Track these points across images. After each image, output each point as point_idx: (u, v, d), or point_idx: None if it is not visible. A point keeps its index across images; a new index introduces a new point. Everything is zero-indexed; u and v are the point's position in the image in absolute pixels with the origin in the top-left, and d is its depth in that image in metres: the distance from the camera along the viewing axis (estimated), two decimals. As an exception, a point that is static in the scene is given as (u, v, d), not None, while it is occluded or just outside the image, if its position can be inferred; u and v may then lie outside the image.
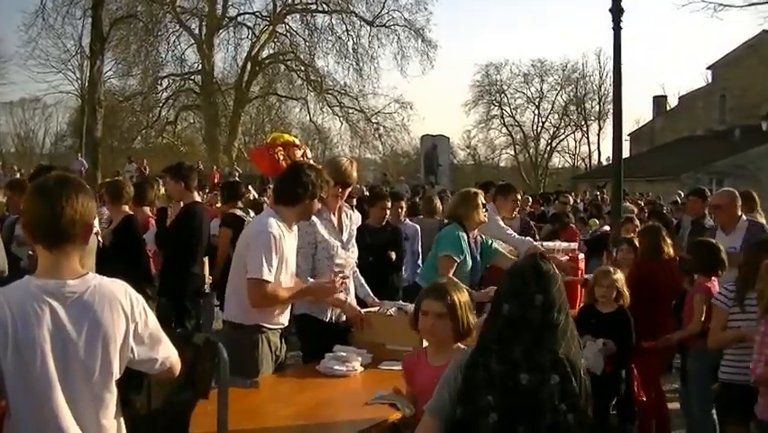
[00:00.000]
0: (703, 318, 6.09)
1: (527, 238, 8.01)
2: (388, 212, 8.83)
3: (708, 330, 6.05)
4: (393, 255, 8.57)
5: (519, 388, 2.90)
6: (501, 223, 8.03)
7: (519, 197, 11.77)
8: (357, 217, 5.96)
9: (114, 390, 2.77)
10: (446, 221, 7.00)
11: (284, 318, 4.97)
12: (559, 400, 2.90)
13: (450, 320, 3.76)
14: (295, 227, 4.99)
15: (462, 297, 3.83)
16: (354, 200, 10.70)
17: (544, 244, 8.69)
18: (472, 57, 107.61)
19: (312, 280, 5.22)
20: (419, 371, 3.83)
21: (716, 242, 6.56)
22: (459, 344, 3.83)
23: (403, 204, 10.13)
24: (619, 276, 6.12)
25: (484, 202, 6.75)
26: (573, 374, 2.94)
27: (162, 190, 8.53)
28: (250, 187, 17.15)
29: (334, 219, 5.55)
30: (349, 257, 5.58)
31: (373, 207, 8.86)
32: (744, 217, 7.47)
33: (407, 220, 10.01)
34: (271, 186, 8.29)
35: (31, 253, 5.85)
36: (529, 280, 2.99)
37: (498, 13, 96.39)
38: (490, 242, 6.86)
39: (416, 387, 3.79)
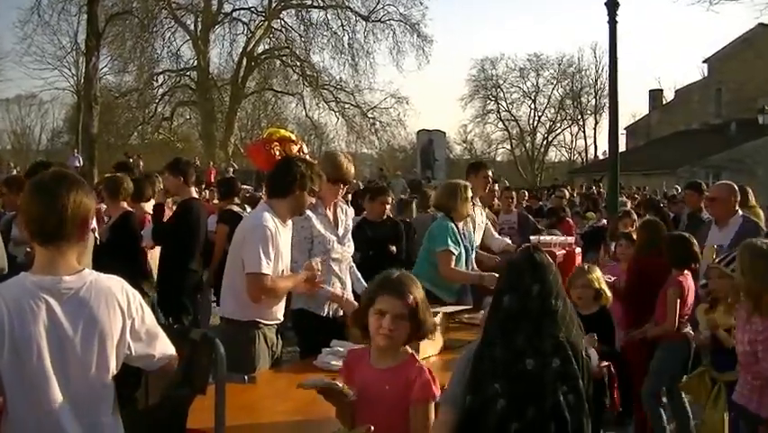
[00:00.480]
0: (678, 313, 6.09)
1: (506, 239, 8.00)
2: (388, 206, 8.84)
3: (681, 324, 6.02)
4: (394, 249, 8.57)
5: (525, 373, 3.00)
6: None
7: (513, 193, 11.86)
8: (351, 212, 5.97)
9: (112, 386, 2.77)
10: (437, 214, 7.03)
11: (280, 314, 4.97)
12: (560, 382, 3.02)
13: (409, 321, 3.28)
14: (289, 222, 4.99)
15: (421, 294, 3.36)
16: (350, 196, 10.70)
17: (541, 238, 8.71)
18: (468, 52, 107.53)
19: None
20: (360, 372, 3.40)
21: (689, 235, 6.55)
22: (407, 347, 3.37)
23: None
24: (596, 275, 5.76)
25: (472, 195, 6.77)
26: (574, 357, 3.06)
27: (161, 186, 8.51)
28: (246, 185, 17.15)
29: (330, 214, 5.56)
30: (345, 251, 5.60)
31: (373, 201, 8.86)
32: (739, 213, 7.27)
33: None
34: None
35: (28, 249, 5.84)
36: (525, 272, 3.12)
37: (493, 7, 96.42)
38: (473, 237, 6.92)
39: (354, 388, 3.35)
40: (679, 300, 6.09)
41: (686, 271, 6.22)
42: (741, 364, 4.67)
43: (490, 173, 8.00)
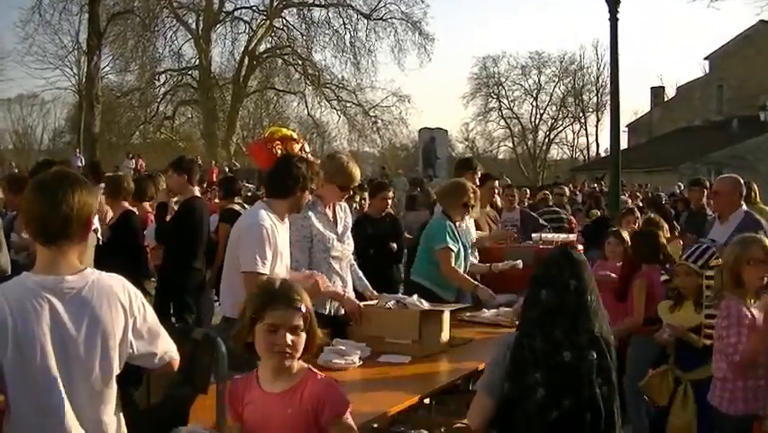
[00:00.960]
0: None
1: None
2: (389, 202, 8.85)
3: (651, 318, 5.82)
4: (395, 246, 8.56)
5: (562, 365, 3.17)
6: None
7: (516, 190, 11.88)
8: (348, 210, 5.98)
9: (114, 385, 2.78)
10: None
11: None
12: (596, 375, 3.20)
13: (305, 333, 2.93)
14: (287, 220, 4.98)
15: (309, 301, 3.01)
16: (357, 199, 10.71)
17: (543, 236, 8.71)
18: (470, 49, 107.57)
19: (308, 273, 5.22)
20: (251, 401, 2.98)
21: (655, 230, 6.51)
22: (301, 361, 2.97)
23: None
24: None
25: (472, 204, 6.76)
26: (608, 350, 3.24)
27: (164, 185, 8.51)
28: (247, 183, 17.14)
29: (329, 212, 5.55)
30: (345, 249, 5.59)
31: (374, 197, 8.86)
32: (743, 208, 7.01)
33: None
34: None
35: (31, 251, 5.83)
36: (564, 268, 3.27)
37: (494, 5, 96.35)
38: (469, 235, 6.93)
39: (245, 420, 2.99)
40: (647, 294, 6.02)
41: (657, 266, 6.19)
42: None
43: (479, 174, 8.04)
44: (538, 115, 61.03)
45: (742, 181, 7.22)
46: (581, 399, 3.16)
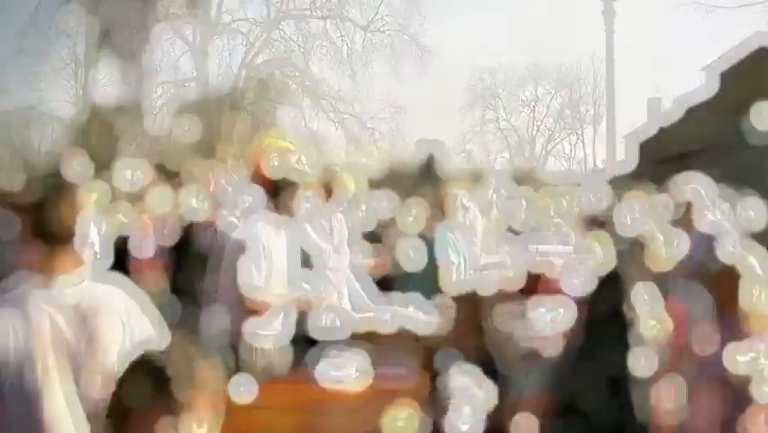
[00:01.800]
0: None
1: None
2: None
3: None
4: None
5: (606, 371, 3.45)
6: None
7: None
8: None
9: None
10: None
11: (277, 324, 4.97)
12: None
13: None
14: (283, 232, 4.99)
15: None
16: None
17: (540, 247, 8.71)
18: (467, 62, 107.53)
19: (306, 285, 5.24)
20: None
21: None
22: None
23: None
24: None
25: (466, 204, 6.77)
26: None
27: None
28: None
29: (325, 224, 5.57)
30: (341, 261, 5.60)
31: None
32: None
33: None
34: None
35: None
36: (619, 283, 3.60)
37: (491, 17, 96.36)
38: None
39: None
40: None
41: None
42: None
43: None
44: (535, 127, 61.01)
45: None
46: (625, 401, 3.43)
